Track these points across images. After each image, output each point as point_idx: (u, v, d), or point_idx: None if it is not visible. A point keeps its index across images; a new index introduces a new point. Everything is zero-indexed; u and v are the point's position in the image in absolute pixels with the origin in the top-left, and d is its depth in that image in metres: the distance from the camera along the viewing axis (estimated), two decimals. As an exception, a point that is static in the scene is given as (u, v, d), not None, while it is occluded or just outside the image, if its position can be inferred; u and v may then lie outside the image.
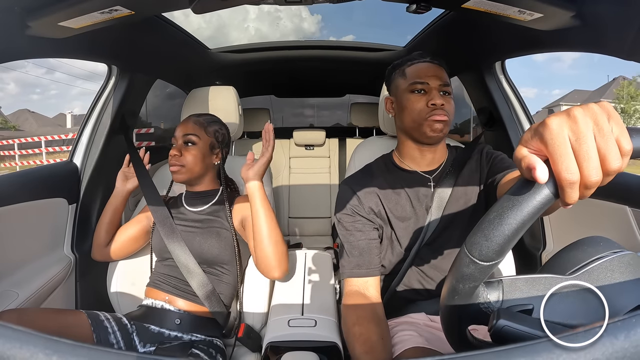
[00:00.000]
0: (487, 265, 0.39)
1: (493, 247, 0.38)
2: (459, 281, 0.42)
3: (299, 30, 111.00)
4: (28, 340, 0.30)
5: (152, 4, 0.97)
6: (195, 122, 1.14)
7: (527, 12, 0.87)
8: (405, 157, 0.99)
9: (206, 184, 1.18)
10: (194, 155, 1.11)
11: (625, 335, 0.29)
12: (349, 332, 0.82)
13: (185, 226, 1.11)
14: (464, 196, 0.92)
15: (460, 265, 0.41)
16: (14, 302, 0.99)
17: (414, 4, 0.94)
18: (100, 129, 1.40)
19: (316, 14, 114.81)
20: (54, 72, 72.98)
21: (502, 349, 0.31)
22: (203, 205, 1.14)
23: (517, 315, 0.39)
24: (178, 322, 1.01)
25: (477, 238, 0.39)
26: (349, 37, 33.16)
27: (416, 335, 0.83)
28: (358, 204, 0.93)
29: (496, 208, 0.39)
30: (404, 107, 0.93)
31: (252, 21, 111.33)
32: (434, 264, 0.91)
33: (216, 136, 1.17)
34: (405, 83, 0.94)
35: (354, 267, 0.89)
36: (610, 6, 0.78)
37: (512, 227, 0.37)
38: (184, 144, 1.12)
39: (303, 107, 3.75)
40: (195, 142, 1.12)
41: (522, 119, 1.44)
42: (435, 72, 0.93)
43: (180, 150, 1.10)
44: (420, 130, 0.91)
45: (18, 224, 1.09)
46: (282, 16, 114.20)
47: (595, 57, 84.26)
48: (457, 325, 0.46)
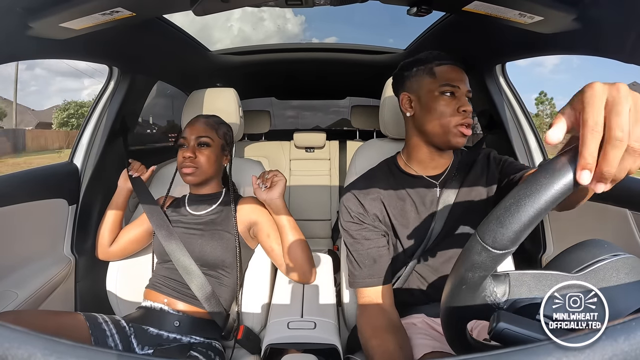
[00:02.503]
0: (500, 254, 0.39)
1: (508, 235, 0.38)
2: (468, 270, 0.41)
3: (283, 32, 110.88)
4: (26, 340, 0.30)
5: (153, 6, 0.97)
6: (206, 123, 1.14)
7: (528, 15, 0.87)
8: (413, 161, 0.96)
9: (212, 187, 1.18)
10: (208, 157, 1.11)
11: (625, 337, 0.29)
12: (366, 346, 0.80)
13: (187, 229, 1.10)
14: (468, 200, 0.91)
15: (471, 253, 0.41)
16: (13, 302, 0.99)
17: (415, 7, 0.94)
18: (100, 130, 1.40)
19: (299, 15, 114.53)
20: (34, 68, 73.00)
21: (503, 352, 0.31)
22: (207, 208, 1.14)
23: (517, 318, 0.39)
24: (177, 324, 1.01)
25: (492, 225, 0.39)
26: (332, 39, 33.28)
27: (427, 339, 0.82)
28: (363, 212, 0.91)
29: (512, 195, 0.38)
30: (432, 109, 0.88)
31: (235, 21, 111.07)
32: (436, 268, 0.91)
33: (226, 138, 1.18)
34: (434, 83, 0.89)
35: (366, 277, 0.88)
36: (611, 9, 0.78)
37: (529, 214, 0.36)
38: (197, 146, 1.11)
39: (304, 109, 3.75)
40: (209, 144, 1.12)
41: (522, 122, 1.44)
42: (463, 76, 0.90)
43: (194, 152, 1.10)
44: (446, 137, 0.88)
45: (18, 224, 1.09)
46: (266, 17, 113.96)
47: (574, 62, 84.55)
48: (459, 319, 0.45)
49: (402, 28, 13.80)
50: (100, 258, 1.19)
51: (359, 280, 0.89)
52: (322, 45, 2.13)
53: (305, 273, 1.07)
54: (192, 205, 1.16)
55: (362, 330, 0.84)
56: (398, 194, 0.93)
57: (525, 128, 1.44)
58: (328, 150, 2.51)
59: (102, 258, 1.19)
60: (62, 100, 26.43)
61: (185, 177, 1.11)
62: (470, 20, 1.11)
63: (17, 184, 1.13)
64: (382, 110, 1.18)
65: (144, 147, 2.04)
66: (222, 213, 1.12)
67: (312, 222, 2.41)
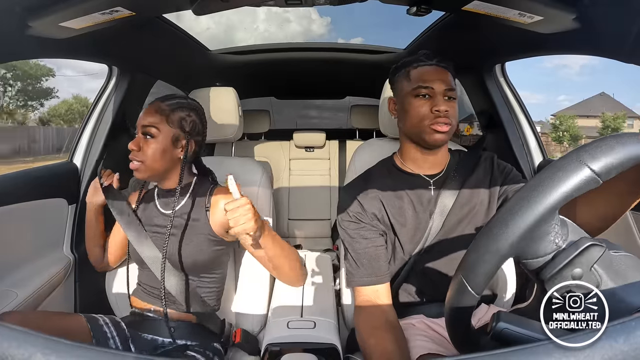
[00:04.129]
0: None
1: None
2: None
3: (308, 32, 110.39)
4: (27, 340, 0.30)
5: (152, 5, 0.97)
6: (157, 109, 0.98)
7: (528, 14, 0.87)
8: (407, 160, 0.97)
9: (174, 180, 1.01)
10: (153, 150, 0.95)
11: (624, 338, 0.29)
12: (364, 345, 0.81)
13: (160, 229, 1.00)
14: (469, 203, 0.91)
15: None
16: (13, 302, 0.99)
17: (415, 7, 0.94)
18: (100, 129, 1.40)
19: (325, 16, 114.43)
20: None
21: (503, 352, 0.31)
22: (176, 205, 1.00)
23: (517, 318, 0.39)
24: (173, 331, 0.96)
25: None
26: (358, 40, 32.93)
27: (425, 340, 0.83)
28: (361, 211, 0.91)
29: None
30: (407, 111, 0.91)
31: (261, 22, 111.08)
32: (435, 269, 0.90)
33: (182, 125, 0.99)
34: (409, 86, 0.91)
35: (363, 276, 0.88)
36: (610, 9, 0.78)
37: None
38: (143, 136, 0.97)
39: (305, 109, 3.75)
40: (153, 135, 0.96)
41: (522, 122, 1.44)
42: (440, 75, 0.89)
43: (138, 144, 0.96)
44: (422, 136, 0.89)
45: (18, 223, 1.09)
46: (292, 18, 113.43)
47: (598, 64, 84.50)
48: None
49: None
50: (99, 271, 1.18)
51: (357, 279, 0.89)
52: (322, 45, 2.12)
53: (294, 283, 1.06)
54: (161, 203, 1.04)
55: (359, 329, 0.84)
56: (396, 193, 0.93)
57: (525, 128, 1.44)
58: (328, 149, 2.51)
59: (100, 271, 1.18)
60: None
61: (134, 173, 0.98)
62: (470, 20, 1.10)
63: (17, 184, 1.13)
64: (381, 110, 1.18)
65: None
66: (194, 210, 1.00)
67: (311, 221, 2.40)
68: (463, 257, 0.47)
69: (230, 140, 1.37)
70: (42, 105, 20.85)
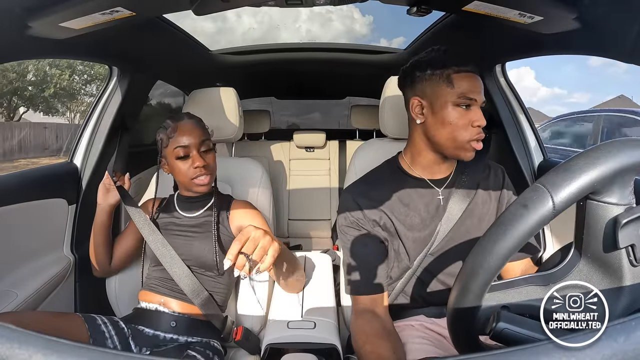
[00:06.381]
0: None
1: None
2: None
3: (350, 32, 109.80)
4: (27, 340, 0.30)
5: (153, 5, 0.97)
6: (198, 124, 1.07)
7: (528, 14, 0.87)
8: (417, 164, 0.93)
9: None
10: (215, 159, 1.06)
11: (624, 338, 0.29)
12: (360, 352, 0.80)
13: (182, 231, 1.07)
14: (477, 210, 0.90)
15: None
16: (13, 302, 0.99)
17: (415, 7, 0.94)
18: (100, 129, 1.40)
19: (367, 15, 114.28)
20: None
21: (503, 352, 0.31)
22: (199, 210, 1.09)
23: (517, 318, 0.39)
24: (174, 325, 0.99)
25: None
26: (400, 39, 32.48)
27: (423, 343, 0.82)
28: (362, 217, 0.89)
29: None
30: (445, 120, 0.83)
31: (304, 22, 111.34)
32: (437, 274, 0.89)
33: (209, 133, 1.11)
34: (451, 93, 0.82)
35: (361, 285, 0.87)
36: (611, 9, 0.78)
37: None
38: (198, 153, 1.03)
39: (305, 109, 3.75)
40: (212, 147, 1.07)
41: (522, 122, 1.44)
42: (480, 85, 0.84)
43: (202, 160, 1.02)
44: (457, 151, 0.84)
45: (18, 224, 1.09)
46: (334, 17, 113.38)
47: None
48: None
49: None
50: (100, 276, 1.17)
51: (354, 288, 0.88)
52: (322, 45, 2.12)
53: (295, 290, 1.06)
54: (183, 208, 1.11)
55: (356, 336, 0.83)
56: (401, 198, 0.91)
57: (525, 128, 1.43)
58: (328, 150, 2.51)
59: (101, 276, 1.17)
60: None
61: (198, 188, 1.04)
62: (470, 20, 1.11)
63: (16, 184, 1.13)
64: (382, 110, 1.18)
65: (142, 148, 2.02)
66: (215, 215, 1.08)
67: (311, 221, 2.41)
68: (466, 258, 0.46)
69: (230, 141, 1.38)
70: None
